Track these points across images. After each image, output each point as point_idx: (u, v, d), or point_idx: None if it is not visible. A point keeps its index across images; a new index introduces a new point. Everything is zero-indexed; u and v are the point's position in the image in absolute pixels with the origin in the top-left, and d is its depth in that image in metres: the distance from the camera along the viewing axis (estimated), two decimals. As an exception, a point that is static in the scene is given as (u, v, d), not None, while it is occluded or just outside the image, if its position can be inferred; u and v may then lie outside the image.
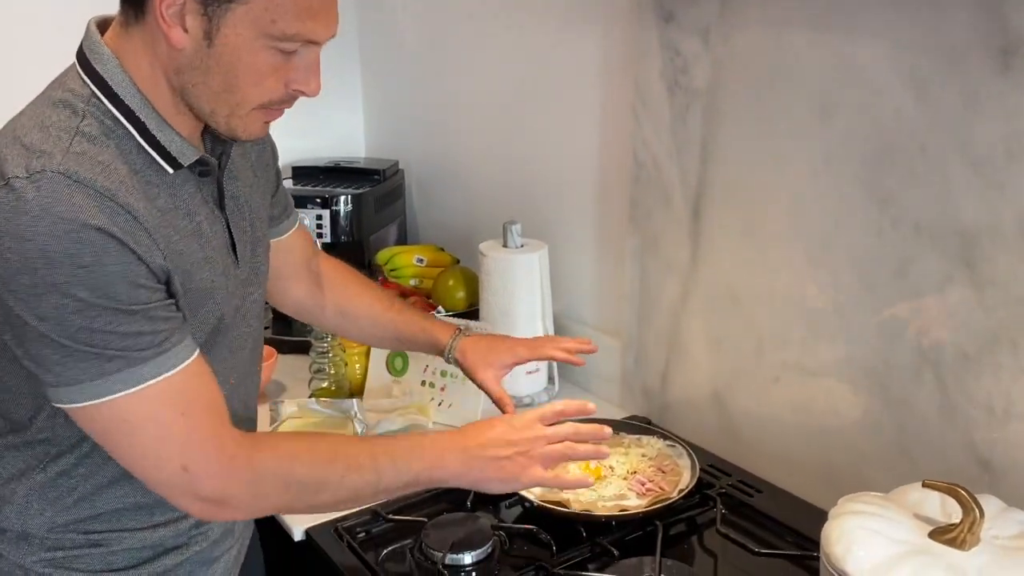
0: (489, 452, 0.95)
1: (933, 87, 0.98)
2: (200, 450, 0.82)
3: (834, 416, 1.17)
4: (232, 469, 0.84)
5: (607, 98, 1.47)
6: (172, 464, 0.82)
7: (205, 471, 0.82)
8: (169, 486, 0.83)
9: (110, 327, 0.77)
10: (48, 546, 0.91)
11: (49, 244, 0.74)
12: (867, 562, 0.82)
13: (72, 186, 0.76)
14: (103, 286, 0.76)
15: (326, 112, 2.17)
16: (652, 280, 1.41)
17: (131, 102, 0.82)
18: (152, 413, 0.80)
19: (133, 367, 0.79)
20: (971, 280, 0.98)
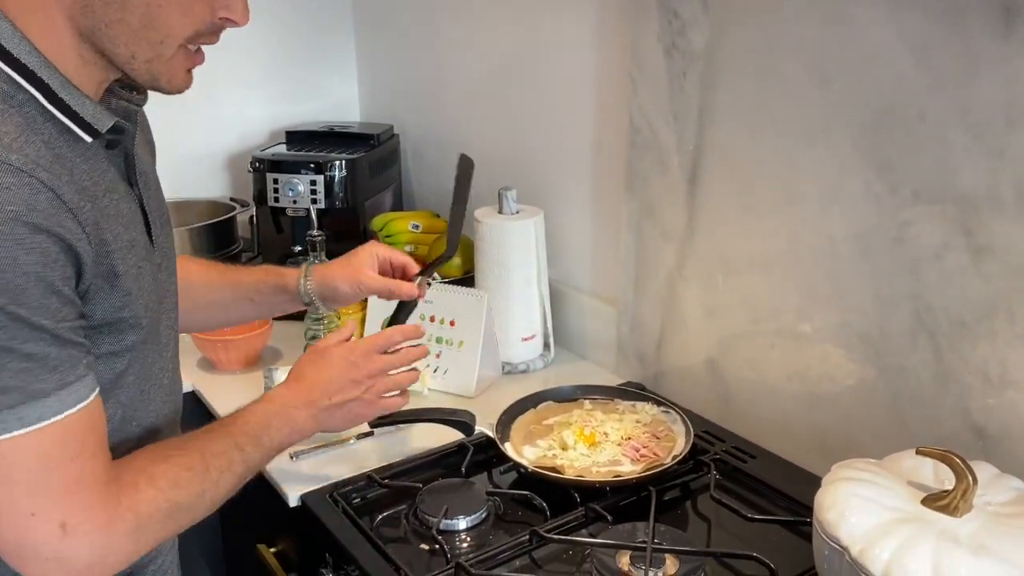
0: (335, 399, 0.96)
1: (933, 51, 0.97)
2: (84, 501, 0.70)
3: (829, 383, 1.17)
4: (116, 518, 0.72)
5: (603, 62, 1.45)
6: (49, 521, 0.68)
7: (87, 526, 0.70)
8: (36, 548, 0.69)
9: (13, 344, 0.64)
10: None
11: None
12: (860, 528, 0.83)
13: None
14: (13, 289, 0.63)
15: (320, 77, 2.15)
16: (648, 247, 1.40)
17: (28, 60, 0.68)
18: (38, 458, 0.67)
19: (30, 402, 0.66)
20: (969, 247, 0.98)
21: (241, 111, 2.05)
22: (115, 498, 0.73)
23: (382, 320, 1.51)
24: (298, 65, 2.11)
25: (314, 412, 0.95)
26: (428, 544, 1.05)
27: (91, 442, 0.72)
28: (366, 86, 2.18)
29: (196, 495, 0.81)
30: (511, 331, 1.51)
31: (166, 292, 0.87)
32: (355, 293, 1.16)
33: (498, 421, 1.26)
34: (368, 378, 0.99)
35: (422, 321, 1.48)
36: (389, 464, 1.21)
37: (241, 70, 2.02)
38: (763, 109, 1.17)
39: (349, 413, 0.97)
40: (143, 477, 0.77)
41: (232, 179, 2.08)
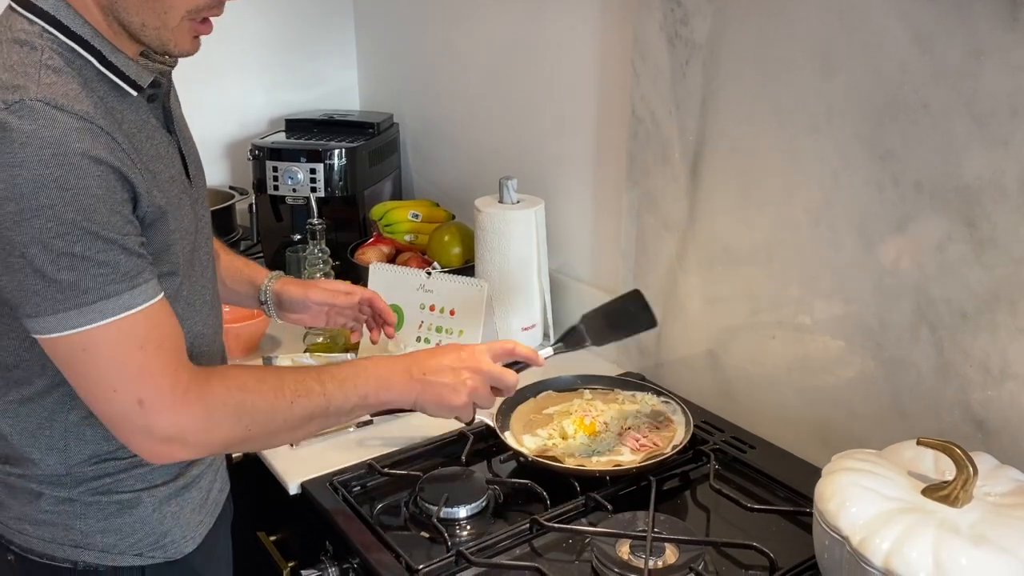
0: (430, 376, 1.00)
1: (938, 40, 0.96)
2: (155, 384, 0.84)
3: (829, 374, 1.17)
4: (185, 403, 0.85)
5: (605, 51, 1.44)
6: (127, 397, 0.83)
7: (159, 405, 0.84)
8: (123, 421, 0.84)
9: (89, 253, 0.79)
10: (92, 476, 0.93)
11: (37, 169, 0.76)
12: (860, 518, 0.83)
13: (53, 112, 0.77)
14: (87, 208, 0.78)
15: (320, 65, 2.14)
16: (649, 237, 1.40)
17: (82, 32, 0.83)
18: (113, 346, 0.82)
19: (107, 299, 0.80)
20: (971, 238, 0.98)
21: (241, 99, 2.05)
22: (183, 384, 0.85)
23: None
24: (298, 53, 2.10)
25: (408, 379, 1.00)
26: (428, 532, 1.05)
27: (157, 336, 0.84)
28: (366, 74, 2.17)
29: (266, 406, 0.90)
30: (511, 321, 1.51)
31: (202, 221, 1.00)
32: (301, 300, 1.24)
33: (498, 410, 1.25)
34: (466, 370, 1.02)
35: (422, 310, 1.48)
36: (389, 452, 1.21)
37: (241, 58, 2.01)
38: (765, 99, 1.17)
39: (438, 396, 1.01)
40: (216, 374, 0.90)
41: (231, 167, 2.07)
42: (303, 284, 1.26)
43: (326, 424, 0.97)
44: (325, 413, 0.94)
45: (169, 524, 0.97)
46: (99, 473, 0.93)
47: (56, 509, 0.93)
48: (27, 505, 0.94)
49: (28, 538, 0.94)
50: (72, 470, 0.92)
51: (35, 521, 0.94)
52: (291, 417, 0.92)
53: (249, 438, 0.91)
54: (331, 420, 0.97)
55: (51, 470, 0.92)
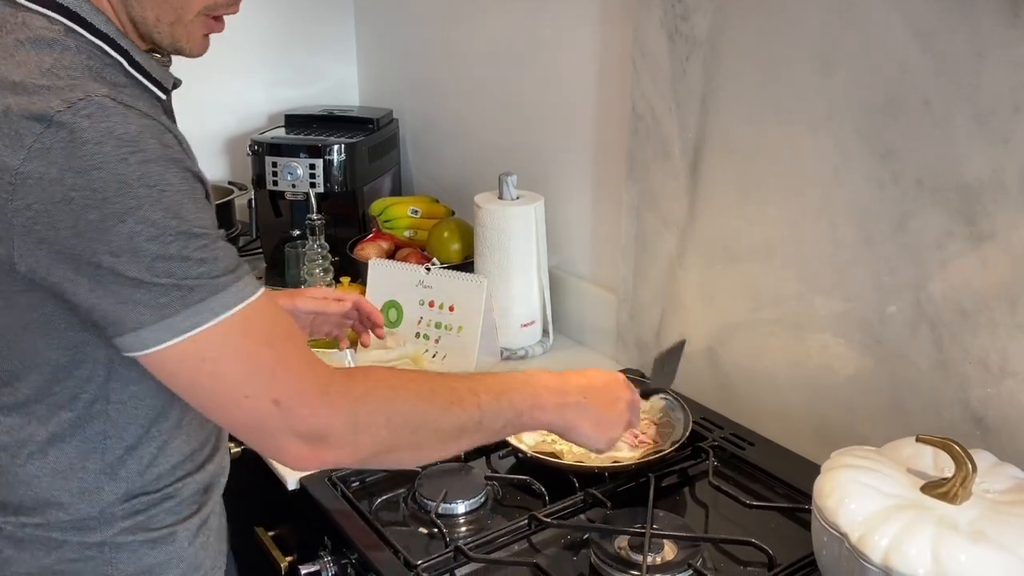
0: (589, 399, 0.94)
1: (939, 36, 0.96)
2: (291, 380, 0.76)
3: (829, 371, 1.17)
4: (328, 399, 0.76)
5: (606, 47, 1.44)
6: (262, 399, 0.75)
7: (299, 402, 0.75)
8: (261, 426, 0.76)
9: (185, 252, 0.72)
10: (124, 514, 0.86)
11: (117, 168, 0.69)
12: (859, 515, 0.83)
13: (121, 108, 0.71)
14: (174, 206, 0.72)
15: (320, 61, 2.14)
16: (648, 234, 1.40)
17: (107, 30, 0.77)
18: (236, 346, 0.74)
19: (216, 295, 0.73)
20: (971, 236, 0.97)
21: (240, 94, 2.04)
22: (323, 380, 0.77)
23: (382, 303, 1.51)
24: (298, 48, 2.10)
25: (561, 401, 0.92)
26: (427, 528, 1.05)
27: (279, 329, 0.78)
28: (366, 70, 2.17)
29: (418, 410, 0.82)
30: (510, 317, 1.51)
31: None
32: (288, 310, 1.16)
33: (497, 406, 1.25)
34: (623, 399, 0.97)
35: (421, 306, 1.48)
36: (388, 448, 1.21)
37: (241, 53, 2.01)
38: (766, 95, 1.17)
39: (599, 422, 0.94)
40: (359, 372, 0.82)
41: (231, 162, 2.07)
42: (289, 294, 1.20)
43: (473, 442, 0.87)
44: (477, 428, 0.85)
45: (202, 556, 0.91)
46: (131, 510, 0.85)
47: (81, 557, 0.84)
48: (43, 557, 0.84)
49: None
50: (104, 511, 0.84)
51: (52, 574, 0.84)
52: (443, 427, 0.83)
53: (397, 446, 0.81)
54: (480, 438, 0.87)
55: (80, 514, 0.84)
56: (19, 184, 0.70)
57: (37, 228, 0.70)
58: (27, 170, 0.69)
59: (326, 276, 1.57)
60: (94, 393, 0.81)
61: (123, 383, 0.82)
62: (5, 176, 0.70)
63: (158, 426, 0.85)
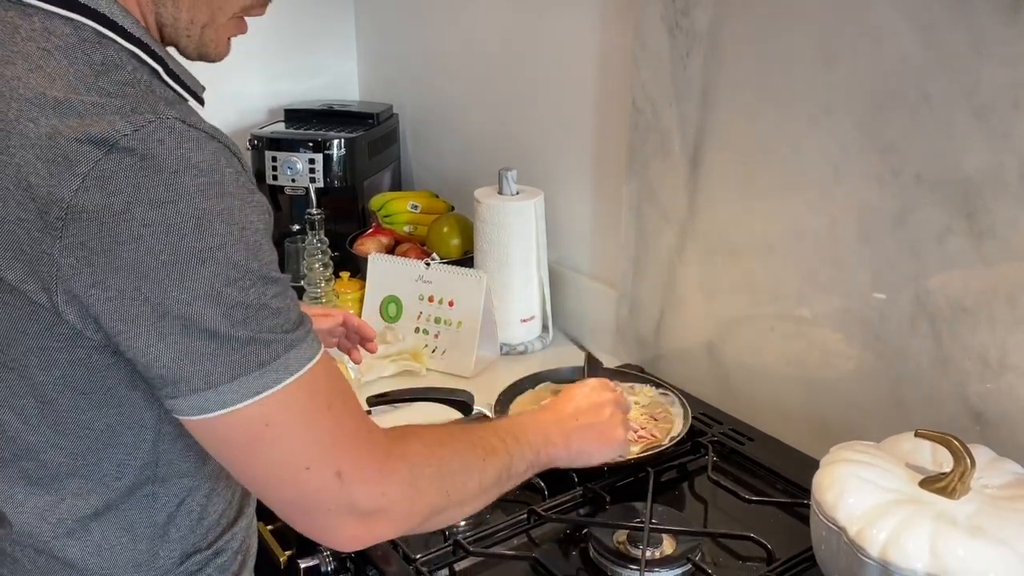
0: (583, 420, 0.94)
1: (939, 31, 0.96)
2: (353, 449, 0.68)
3: (828, 367, 1.17)
4: (390, 467, 0.70)
5: (606, 41, 1.44)
6: (324, 471, 0.66)
7: (363, 474, 0.68)
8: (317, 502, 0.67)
9: (263, 299, 0.64)
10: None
11: (197, 201, 0.61)
12: (858, 509, 0.83)
13: (194, 133, 0.62)
14: (253, 246, 0.64)
15: (319, 55, 2.13)
16: (649, 229, 1.40)
17: (140, 34, 0.68)
18: (303, 409, 0.66)
19: (290, 350, 0.65)
20: (971, 231, 0.97)
21: (240, 88, 2.04)
22: (383, 447, 0.71)
23: (381, 299, 1.51)
24: (298, 43, 2.09)
25: (564, 429, 0.92)
26: (426, 522, 1.05)
27: (340, 391, 0.70)
28: (366, 64, 2.17)
29: (463, 464, 0.78)
30: (510, 312, 1.51)
31: None
32: None
33: (496, 401, 1.25)
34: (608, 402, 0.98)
35: (420, 301, 1.48)
36: (387, 443, 1.21)
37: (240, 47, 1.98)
38: (766, 90, 1.17)
39: (601, 435, 0.95)
40: (409, 431, 0.75)
41: (230, 157, 2.06)
42: None
43: (503, 491, 0.84)
44: (508, 475, 0.83)
45: None
46: (187, 571, 0.79)
47: None
48: None
49: None
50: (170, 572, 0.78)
51: None
52: (484, 478, 0.79)
53: (448, 506, 0.76)
54: (508, 486, 0.84)
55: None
56: (71, 219, 0.60)
57: (90, 270, 0.61)
58: (82, 202, 0.60)
59: (325, 271, 1.57)
60: (143, 459, 0.73)
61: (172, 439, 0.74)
62: (53, 211, 0.60)
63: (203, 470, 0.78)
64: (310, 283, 1.55)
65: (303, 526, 0.70)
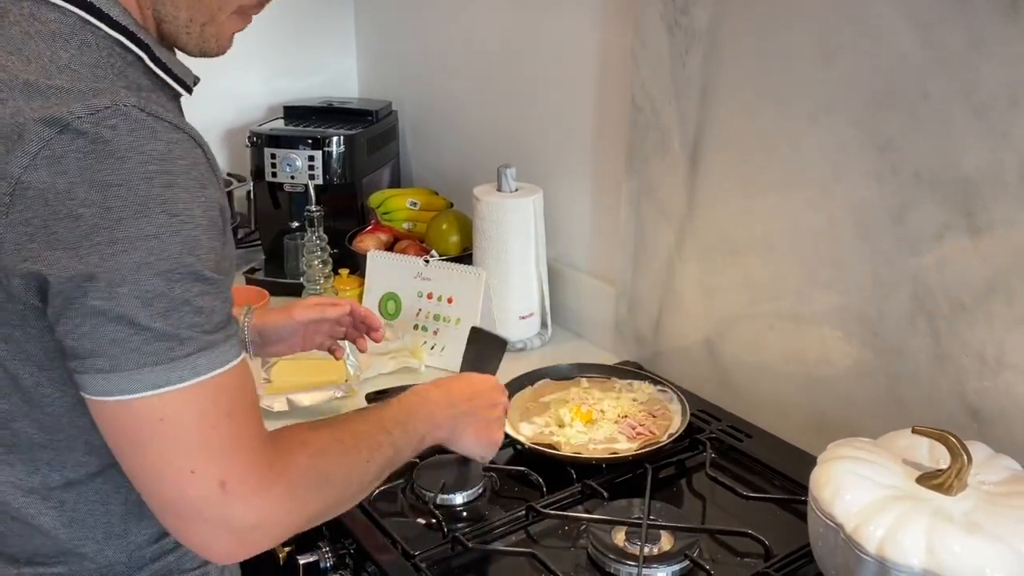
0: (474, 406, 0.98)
1: (938, 29, 0.96)
2: (242, 460, 0.68)
3: (826, 364, 1.17)
4: (271, 481, 0.69)
5: (605, 39, 1.44)
6: (208, 479, 0.66)
7: (244, 487, 0.68)
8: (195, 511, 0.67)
9: (188, 295, 0.65)
10: (153, 556, 0.81)
11: (141, 188, 0.62)
12: (855, 506, 0.83)
13: (150, 120, 0.64)
14: (192, 241, 0.64)
15: (319, 52, 2.13)
16: (648, 226, 1.40)
17: (126, 22, 0.70)
18: (199, 413, 0.66)
19: (203, 352, 0.66)
20: (969, 229, 0.98)
21: (239, 86, 2.04)
22: (269, 460, 0.70)
23: (380, 296, 1.51)
24: (297, 40, 2.09)
25: (453, 413, 0.95)
26: (425, 519, 1.06)
27: (244, 400, 0.70)
28: (365, 61, 2.17)
29: (345, 469, 0.78)
30: (509, 309, 1.51)
31: None
32: (286, 323, 1.15)
33: (495, 398, 1.26)
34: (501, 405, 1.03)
35: (419, 298, 1.48)
36: (386, 439, 1.21)
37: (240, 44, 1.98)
38: (765, 88, 1.17)
39: (482, 430, 0.99)
40: (295, 443, 0.74)
41: (230, 154, 2.06)
42: (283, 308, 1.17)
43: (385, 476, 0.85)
44: (391, 464, 0.84)
45: None
46: (161, 551, 0.80)
47: None
48: None
49: None
50: (133, 555, 0.79)
51: None
52: (366, 478, 0.80)
53: (326, 510, 0.77)
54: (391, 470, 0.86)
55: (108, 560, 0.78)
56: (18, 195, 0.62)
57: (32, 246, 0.63)
58: (30, 179, 0.62)
59: (324, 268, 1.57)
60: None
61: None
62: (2, 187, 0.62)
63: None
64: (309, 280, 1.55)
65: (179, 532, 0.69)
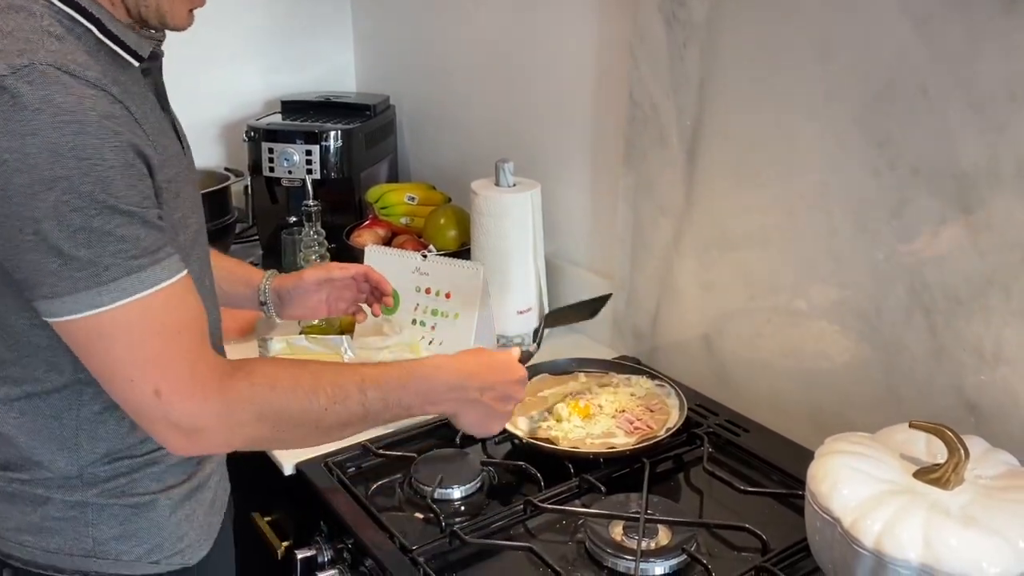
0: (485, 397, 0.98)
1: (936, 24, 0.96)
2: (172, 373, 0.78)
3: (824, 359, 1.17)
4: (204, 395, 0.79)
5: (604, 33, 1.44)
6: (144, 387, 0.78)
7: (177, 395, 0.78)
8: (142, 410, 0.80)
9: (108, 227, 0.74)
10: (106, 476, 0.88)
11: (52, 137, 0.71)
12: (852, 500, 0.84)
13: (66, 77, 0.73)
14: (104, 180, 0.73)
15: (316, 46, 2.13)
16: (645, 222, 1.40)
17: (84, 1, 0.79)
18: (132, 329, 0.77)
19: (128, 276, 0.75)
20: (966, 223, 0.98)
21: (236, 80, 2.04)
22: (202, 374, 0.80)
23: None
24: (294, 34, 2.09)
25: (459, 396, 0.97)
26: (423, 513, 1.06)
27: (177, 319, 0.79)
28: (363, 56, 2.16)
29: (296, 409, 0.85)
30: (507, 304, 1.51)
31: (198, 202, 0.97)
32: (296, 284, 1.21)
33: (493, 393, 1.26)
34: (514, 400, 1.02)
35: (417, 293, 1.48)
36: (384, 434, 1.21)
37: (237, 38, 2.00)
38: (763, 82, 1.17)
39: (483, 418, 1.00)
40: (243, 371, 0.83)
41: (227, 148, 2.06)
42: (294, 273, 1.24)
43: (362, 430, 0.93)
44: (363, 421, 0.90)
45: (185, 528, 0.93)
46: (113, 473, 0.88)
47: (65, 515, 0.88)
48: (30, 513, 0.88)
49: (30, 550, 0.88)
50: (84, 471, 0.87)
51: (39, 530, 0.88)
52: (323, 423, 0.86)
53: (277, 438, 0.87)
54: (369, 427, 0.93)
55: (61, 472, 0.87)
56: None
57: None
58: None
59: (322, 263, 1.57)
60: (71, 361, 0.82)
61: None
62: None
63: None
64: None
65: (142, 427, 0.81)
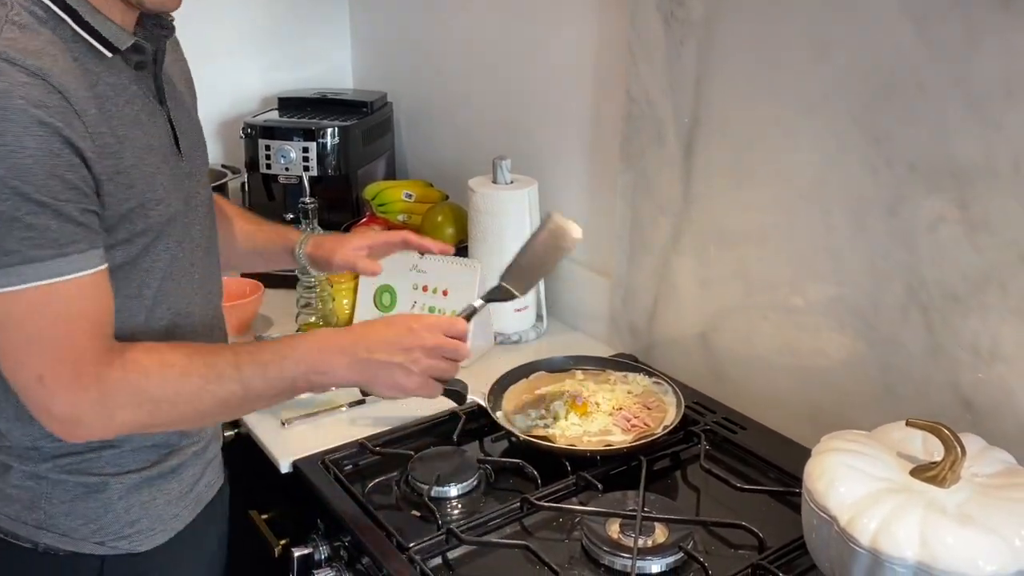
0: (377, 355, 0.93)
1: (933, 21, 0.96)
2: (56, 363, 0.81)
3: (820, 356, 1.17)
4: (82, 385, 0.82)
5: (602, 31, 1.43)
6: (30, 372, 0.81)
7: (57, 385, 0.81)
8: (26, 394, 0.82)
9: (17, 214, 0.76)
10: (58, 452, 0.91)
11: None
12: (848, 498, 0.84)
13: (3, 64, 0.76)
14: (21, 168, 0.76)
15: (313, 43, 2.12)
16: (643, 219, 1.40)
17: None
18: (25, 316, 0.79)
19: (29, 264, 0.78)
20: (963, 220, 0.98)
21: (234, 77, 2.03)
22: (83, 365, 0.82)
23: (375, 288, 1.51)
24: (291, 31, 2.08)
25: (350, 361, 0.93)
26: (419, 511, 1.06)
27: (76, 310, 0.81)
28: (360, 53, 2.16)
29: (170, 392, 0.86)
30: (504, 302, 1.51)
31: (196, 198, 0.98)
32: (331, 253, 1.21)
33: (490, 390, 1.26)
34: (420, 349, 0.95)
35: (415, 290, 1.48)
36: (381, 432, 1.21)
37: (234, 35, 1.99)
38: (761, 80, 1.17)
39: (390, 377, 0.94)
40: (121, 360, 0.84)
41: (224, 145, 2.06)
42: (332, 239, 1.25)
43: (249, 410, 0.94)
44: (243, 400, 0.89)
45: (137, 514, 0.95)
46: (66, 450, 0.91)
47: (24, 484, 0.92)
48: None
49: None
50: (38, 443, 0.90)
51: (3, 496, 0.92)
52: (200, 405, 0.88)
53: (155, 423, 0.88)
54: (257, 405, 0.93)
55: (18, 442, 0.91)
56: None
57: None
58: None
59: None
60: None
61: None
62: None
63: None
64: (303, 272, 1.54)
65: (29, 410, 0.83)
